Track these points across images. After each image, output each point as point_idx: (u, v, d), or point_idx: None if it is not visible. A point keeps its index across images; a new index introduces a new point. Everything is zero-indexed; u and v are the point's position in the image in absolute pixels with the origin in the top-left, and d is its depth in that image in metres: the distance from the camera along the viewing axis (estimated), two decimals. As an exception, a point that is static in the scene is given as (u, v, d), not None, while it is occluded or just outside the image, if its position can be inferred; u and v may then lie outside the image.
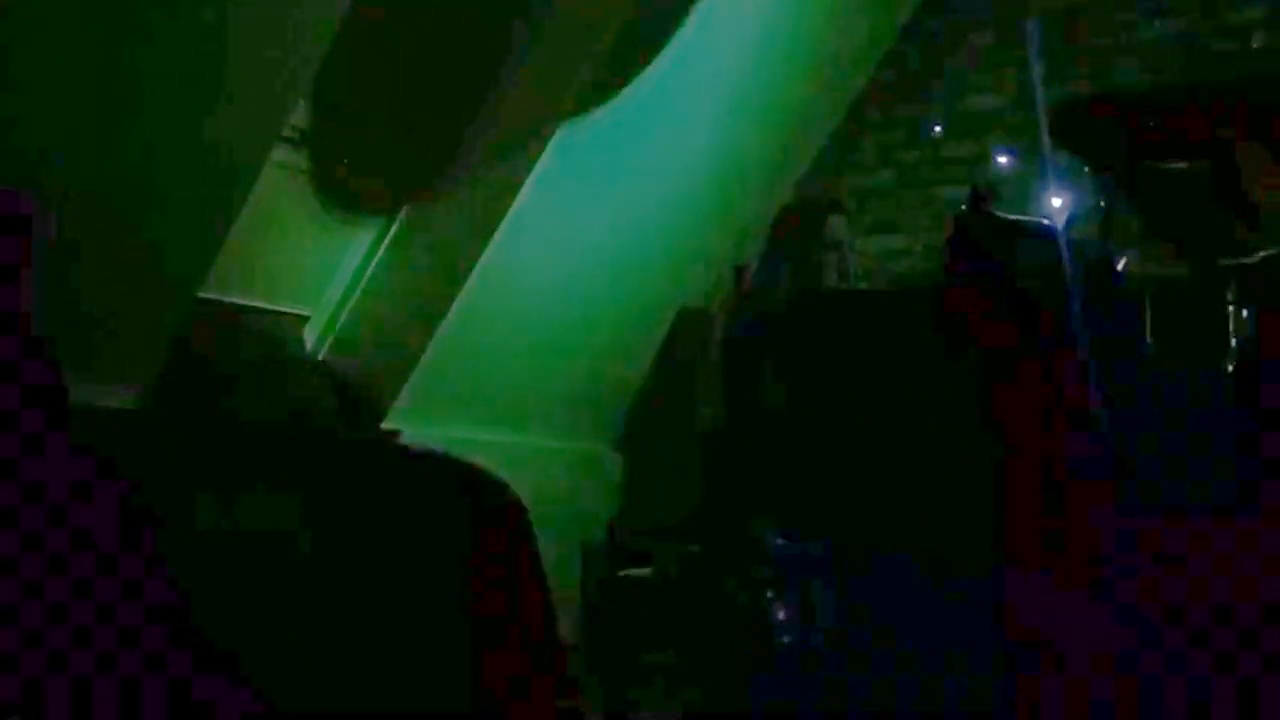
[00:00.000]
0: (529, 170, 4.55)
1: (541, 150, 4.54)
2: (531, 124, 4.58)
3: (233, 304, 4.25)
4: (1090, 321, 3.16)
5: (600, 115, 4.68)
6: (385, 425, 4.64)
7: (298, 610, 1.79)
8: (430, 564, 1.86)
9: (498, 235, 4.59)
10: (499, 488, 1.95)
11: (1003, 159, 4.97)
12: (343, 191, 4.51)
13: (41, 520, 1.62)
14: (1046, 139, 3.93)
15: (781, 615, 3.66)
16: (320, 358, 4.68)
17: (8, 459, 1.65)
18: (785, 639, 3.52)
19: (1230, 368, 3.15)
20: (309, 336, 4.67)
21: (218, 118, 3.49)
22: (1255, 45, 4.83)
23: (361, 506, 1.93)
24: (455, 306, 4.64)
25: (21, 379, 1.72)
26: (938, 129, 5.56)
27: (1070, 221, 3.74)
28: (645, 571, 4.75)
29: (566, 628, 4.72)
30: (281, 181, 4.23)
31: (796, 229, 4.36)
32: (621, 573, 4.85)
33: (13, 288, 1.83)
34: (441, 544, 1.90)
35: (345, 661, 1.72)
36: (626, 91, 4.72)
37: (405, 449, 3.71)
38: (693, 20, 4.75)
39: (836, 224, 4.52)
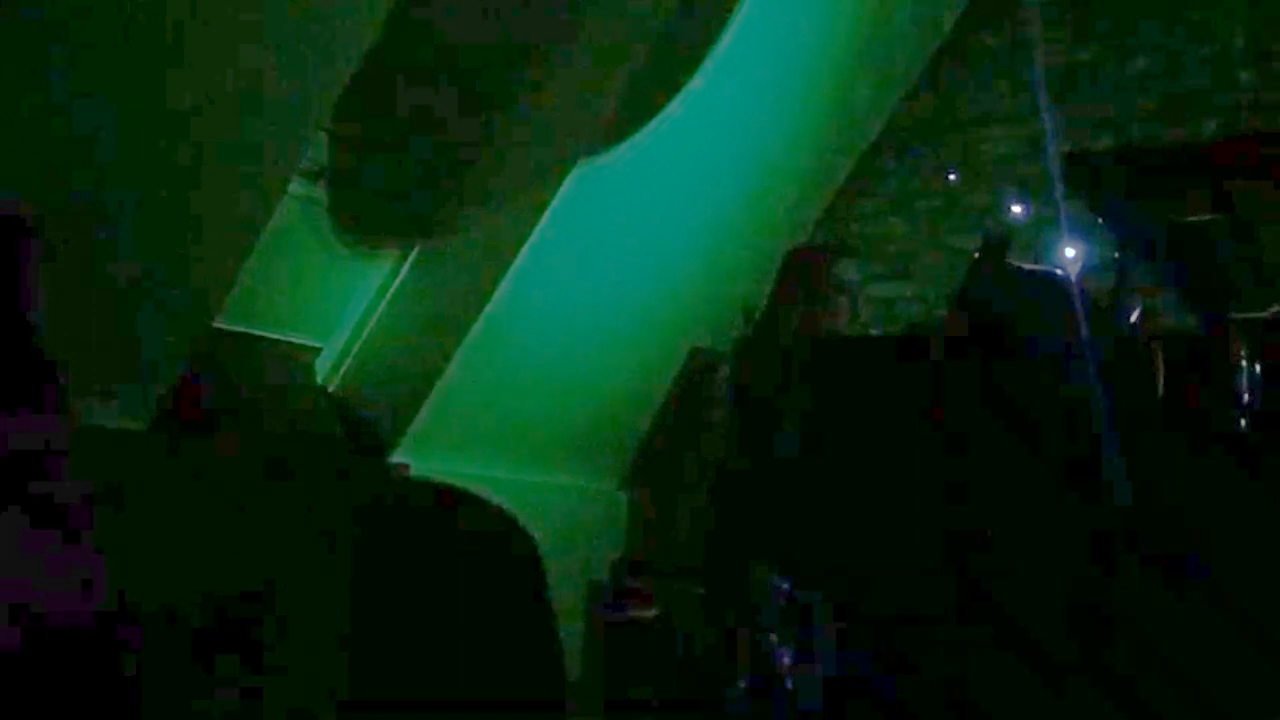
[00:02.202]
0: (543, 209, 4.57)
1: (556, 190, 4.56)
2: (547, 164, 4.60)
3: (246, 334, 4.26)
4: (1102, 371, 3.16)
5: (615, 155, 4.71)
6: (394, 459, 4.64)
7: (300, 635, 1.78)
8: (437, 598, 1.86)
9: (510, 272, 4.61)
10: (509, 523, 1.94)
11: (1017, 208, 4.98)
12: (358, 225, 4.54)
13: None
14: (1060, 189, 3.93)
15: (786, 661, 3.63)
16: (331, 390, 4.69)
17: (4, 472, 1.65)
18: (789, 685, 3.49)
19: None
20: (320, 368, 4.68)
21: (237, 150, 3.52)
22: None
23: (368, 539, 1.93)
24: (466, 342, 4.65)
25: (22, 390, 1.72)
26: (952, 176, 5.57)
27: (1084, 272, 3.74)
28: (650, 612, 4.73)
29: (571, 666, 4.70)
30: (298, 214, 4.25)
31: (805, 272, 4.35)
32: (626, 613, 4.83)
33: (13, 296, 1.83)
34: (449, 578, 1.89)
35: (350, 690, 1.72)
36: (643, 132, 4.75)
37: (414, 483, 3.72)
38: (710, 63, 4.78)
39: (846, 268, 4.51)
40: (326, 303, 4.64)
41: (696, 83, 4.79)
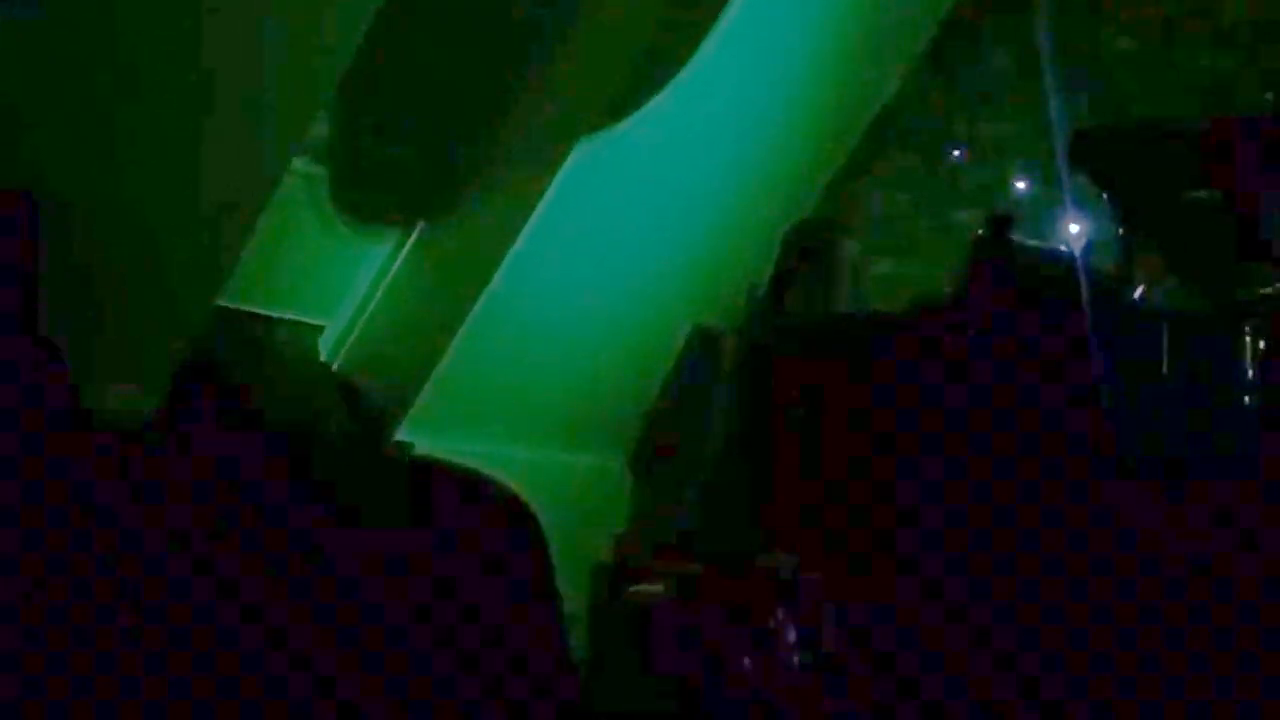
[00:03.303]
0: (547, 185, 4.56)
1: (559, 166, 4.55)
2: (550, 140, 4.59)
3: (249, 313, 4.26)
4: (1106, 349, 3.17)
5: (619, 132, 4.69)
6: (398, 437, 4.64)
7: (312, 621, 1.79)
8: (441, 578, 1.86)
9: (513, 249, 4.60)
10: (514, 502, 1.94)
11: (1021, 185, 4.97)
12: (361, 203, 4.53)
13: (45, 519, 1.62)
14: (1065, 168, 3.93)
15: (790, 637, 3.65)
16: (334, 368, 4.69)
17: (11, 456, 1.65)
18: (795, 660, 3.51)
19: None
20: (324, 347, 4.69)
21: (239, 128, 3.51)
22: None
23: (374, 518, 1.93)
24: (469, 320, 4.65)
25: (29, 377, 1.72)
26: (956, 153, 5.56)
27: (1088, 250, 3.75)
28: (654, 589, 4.74)
29: (574, 645, 4.71)
30: (300, 192, 4.24)
31: (806, 250, 4.36)
32: (629, 590, 4.83)
33: (17, 287, 1.84)
34: (453, 558, 1.89)
35: (357, 675, 1.72)
36: (645, 109, 4.74)
37: (418, 461, 3.71)
38: (712, 40, 4.77)
39: (847, 246, 4.52)
40: (330, 281, 4.63)
41: (699, 59, 4.77)
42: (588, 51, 4.50)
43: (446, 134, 4.57)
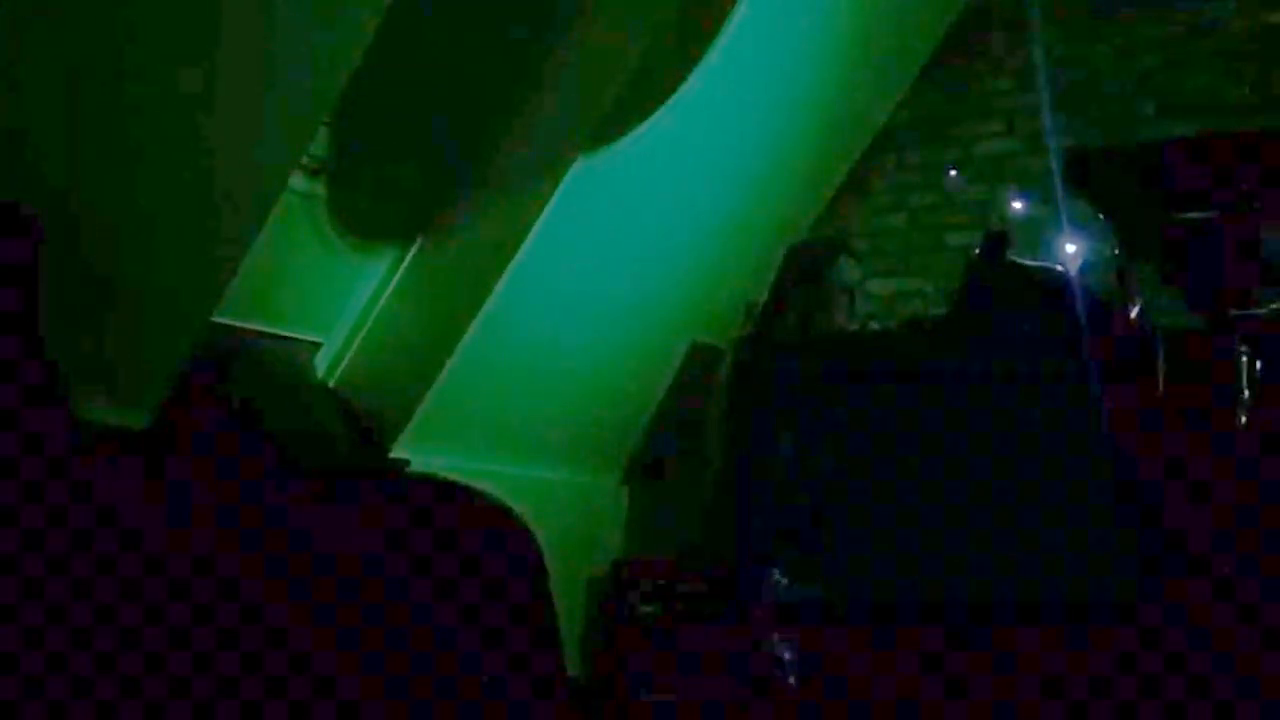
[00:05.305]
0: (544, 204, 4.57)
1: (557, 185, 4.55)
2: (547, 158, 4.59)
3: (246, 330, 4.27)
4: (1102, 366, 3.17)
5: (617, 149, 4.70)
6: (394, 454, 4.64)
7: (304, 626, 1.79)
8: (440, 593, 1.86)
9: (511, 267, 4.60)
10: (512, 519, 1.95)
11: (1016, 205, 4.98)
12: (358, 220, 4.54)
13: (41, 519, 1.62)
14: (1061, 186, 3.94)
15: (786, 657, 3.64)
16: (331, 385, 4.69)
17: (12, 457, 1.65)
18: (791, 681, 3.50)
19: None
20: (321, 364, 4.69)
21: (237, 145, 3.52)
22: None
23: (373, 533, 1.93)
24: (466, 337, 4.65)
25: (22, 378, 1.73)
26: (953, 174, 5.57)
27: (1084, 269, 3.74)
28: (650, 608, 4.74)
29: (571, 662, 4.71)
30: (298, 209, 4.25)
31: (804, 269, 4.36)
32: (626, 608, 4.83)
33: (15, 291, 1.84)
34: (451, 573, 1.90)
35: (357, 675, 1.72)
36: (643, 126, 4.74)
37: (417, 477, 3.72)
38: (711, 58, 4.78)
39: (846, 265, 4.52)
40: (327, 298, 4.64)
41: (697, 77, 4.78)
42: (586, 68, 4.51)
43: (445, 150, 4.58)
